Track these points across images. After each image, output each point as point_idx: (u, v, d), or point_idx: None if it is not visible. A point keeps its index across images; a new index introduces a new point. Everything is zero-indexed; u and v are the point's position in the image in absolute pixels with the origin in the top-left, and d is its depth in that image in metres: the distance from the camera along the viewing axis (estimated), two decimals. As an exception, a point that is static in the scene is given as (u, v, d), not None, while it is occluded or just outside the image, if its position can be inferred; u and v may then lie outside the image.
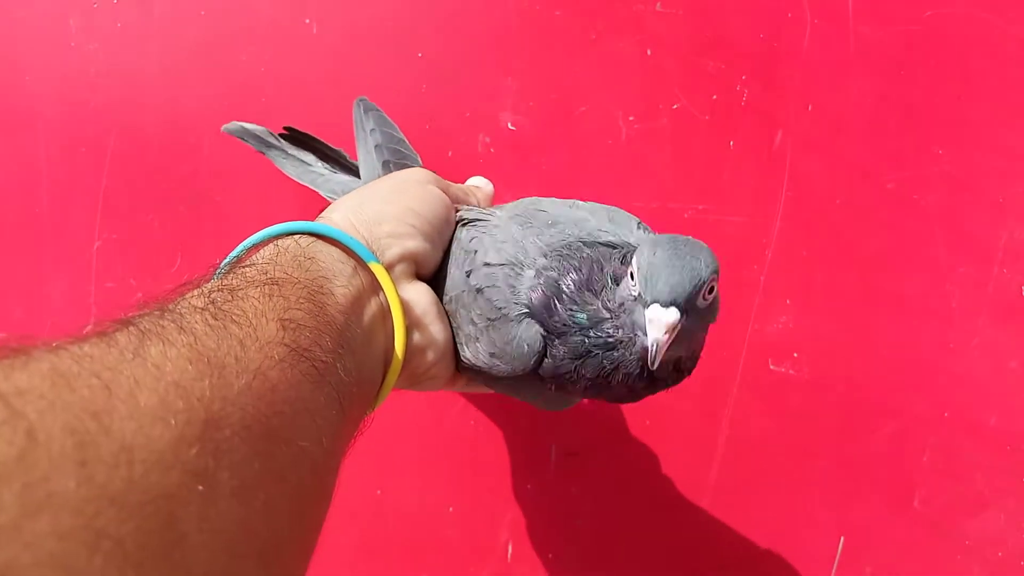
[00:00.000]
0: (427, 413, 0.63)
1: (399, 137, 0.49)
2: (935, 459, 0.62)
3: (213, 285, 0.30)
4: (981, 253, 0.62)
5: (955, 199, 0.62)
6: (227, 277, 0.31)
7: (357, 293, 0.35)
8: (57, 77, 0.62)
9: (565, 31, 0.62)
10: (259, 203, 0.62)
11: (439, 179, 0.44)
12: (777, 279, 0.62)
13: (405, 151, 0.48)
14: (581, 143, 0.62)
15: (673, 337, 0.32)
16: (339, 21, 0.62)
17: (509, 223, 0.41)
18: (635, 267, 0.33)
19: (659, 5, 0.62)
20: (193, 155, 0.62)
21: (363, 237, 0.37)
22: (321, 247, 0.35)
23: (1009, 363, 0.62)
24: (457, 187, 0.46)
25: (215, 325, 0.26)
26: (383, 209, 0.38)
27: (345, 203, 0.39)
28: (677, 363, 0.36)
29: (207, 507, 0.22)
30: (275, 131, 0.52)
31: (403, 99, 0.62)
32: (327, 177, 0.50)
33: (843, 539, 0.63)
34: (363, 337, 0.34)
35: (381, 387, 0.36)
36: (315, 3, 0.62)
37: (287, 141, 0.52)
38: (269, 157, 0.51)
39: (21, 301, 0.63)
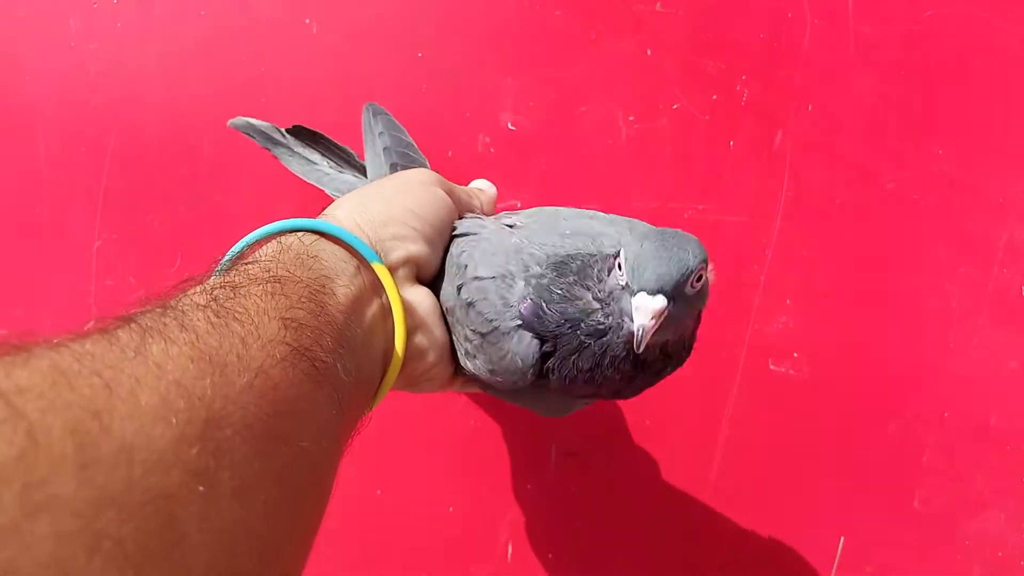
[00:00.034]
0: (427, 413, 0.63)
1: (408, 141, 0.49)
2: (935, 459, 0.62)
3: (215, 282, 0.29)
4: (981, 253, 0.62)
5: (955, 199, 0.62)
6: (229, 273, 0.31)
7: (358, 293, 0.34)
8: (57, 77, 0.62)
9: (565, 31, 0.62)
10: (259, 203, 0.62)
11: (444, 180, 0.43)
12: (777, 279, 0.62)
13: (413, 155, 0.48)
14: (581, 143, 0.62)
15: (660, 323, 0.32)
16: (339, 21, 0.62)
17: (503, 234, 0.40)
18: (623, 258, 0.34)
19: (659, 5, 0.62)
20: (193, 155, 0.62)
21: (367, 237, 0.37)
22: (325, 245, 0.35)
23: (1009, 363, 0.62)
24: (462, 189, 0.46)
25: (217, 323, 0.26)
26: (386, 209, 0.38)
27: (348, 201, 0.39)
28: (664, 347, 0.37)
29: (208, 507, 0.22)
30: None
31: (403, 99, 0.61)
32: (332, 176, 0.50)
33: (843, 539, 0.63)
34: (363, 337, 0.34)
35: (379, 388, 0.36)
36: (315, 3, 0.62)
37: (293, 138, 0.51)
38: (275, 154, 0.51)
39: (21, 300, 0.63)
